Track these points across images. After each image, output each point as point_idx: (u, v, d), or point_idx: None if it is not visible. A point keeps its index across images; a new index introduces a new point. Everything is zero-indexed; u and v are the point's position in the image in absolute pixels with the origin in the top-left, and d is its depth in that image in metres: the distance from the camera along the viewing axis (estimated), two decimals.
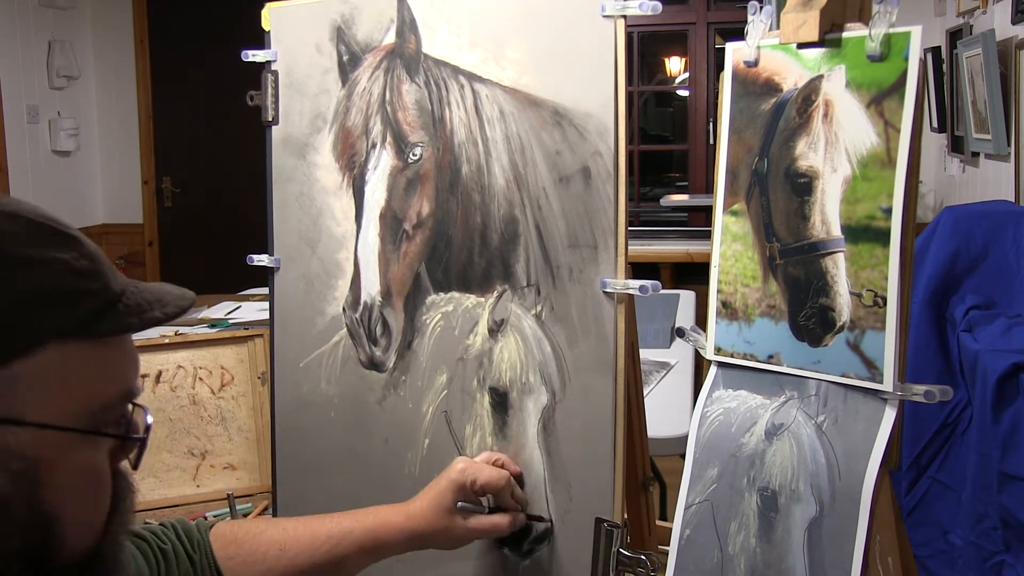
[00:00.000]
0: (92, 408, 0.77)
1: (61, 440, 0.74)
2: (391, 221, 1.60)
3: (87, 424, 0.77)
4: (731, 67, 1.38)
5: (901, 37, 1.19)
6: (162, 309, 0.81)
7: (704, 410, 1.43)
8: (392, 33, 1.60)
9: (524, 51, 1.49)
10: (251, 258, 1.75)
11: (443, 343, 1.57)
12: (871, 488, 1.21)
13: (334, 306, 1.68)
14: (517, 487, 1.47)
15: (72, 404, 0.75)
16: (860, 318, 1.24)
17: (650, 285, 1.39)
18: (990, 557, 2.55)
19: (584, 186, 1.44)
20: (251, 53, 1.74)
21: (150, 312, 0.79)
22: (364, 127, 1.63)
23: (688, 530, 1.42)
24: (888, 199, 1.20)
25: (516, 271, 1.50)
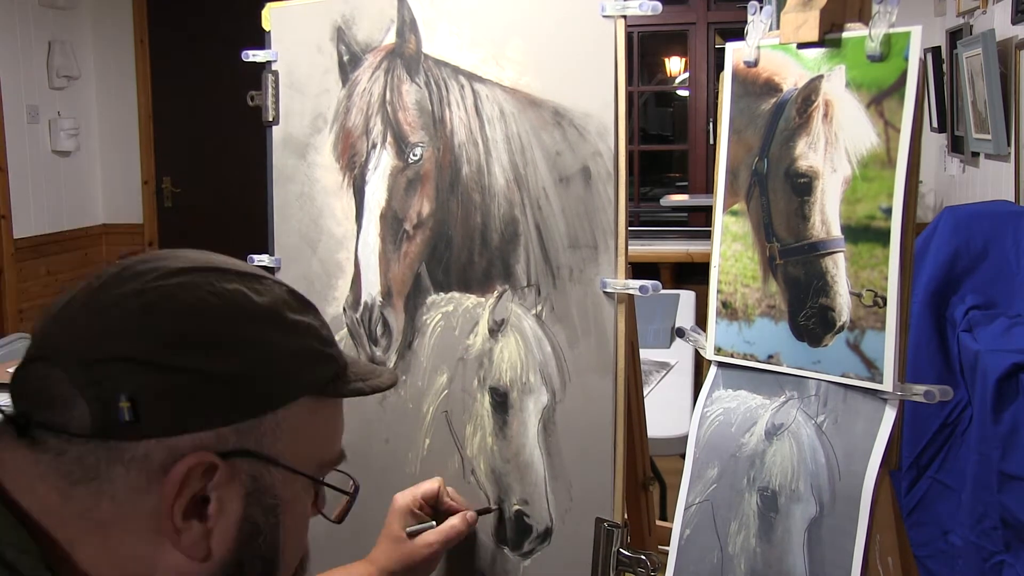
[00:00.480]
0: (322, 462, 0.88)
1: (301, 486, 0.85)
2: (391, 221, 1.60)
3: (317, 476, 0.88)
4: (731, 67, 1.38)
5: (901, 37, 1.19)
6: (378, 379, 0.93)
7: (704, 410, 1.43)
8: (392, 33, 1.60)
9: (524, 51, 1.49)
10: (251, 258, 1.75)
11: (443, 343, 1.57)
12: (871, 488, 1.21)
13: (334, 306, 1.68)
14: (450, 489, 1.52)
15: (311, 454, 0.85)
16: (860, 318, 1.24)
17: (650, 285, 1.39)
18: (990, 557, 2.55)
19: (584, 186, 1.44)
20: (251, 53, 1.74)
21: (372, 380, 0.91)
22: (364, 127, 1.63)
23: (688, 530, 1.42)
24: (888, 199, 1.20)
25: (516, 271, 1.50)
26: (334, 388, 0.86)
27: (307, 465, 0.85)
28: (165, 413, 0.76)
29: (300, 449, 0.83)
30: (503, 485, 1.52)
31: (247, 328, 0.80)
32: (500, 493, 1.53)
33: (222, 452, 0.77)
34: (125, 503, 0.76)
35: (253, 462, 0.79)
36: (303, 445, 0.83)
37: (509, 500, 1.52)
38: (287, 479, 0.82)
